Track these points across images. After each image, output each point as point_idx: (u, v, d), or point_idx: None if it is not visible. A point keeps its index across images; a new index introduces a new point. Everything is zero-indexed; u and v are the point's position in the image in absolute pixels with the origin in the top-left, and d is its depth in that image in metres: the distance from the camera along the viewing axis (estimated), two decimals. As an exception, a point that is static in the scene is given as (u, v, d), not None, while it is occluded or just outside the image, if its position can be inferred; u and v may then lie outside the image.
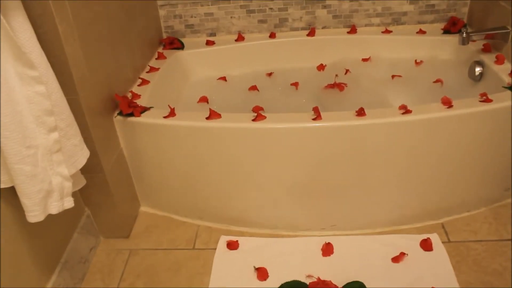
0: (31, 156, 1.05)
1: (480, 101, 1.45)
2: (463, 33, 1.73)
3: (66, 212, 1.30)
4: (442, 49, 1.97)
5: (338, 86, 1.82)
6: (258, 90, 1.92)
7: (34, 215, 1.11)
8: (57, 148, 1.11)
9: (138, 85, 1.74)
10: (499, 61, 1.70)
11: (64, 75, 1.27)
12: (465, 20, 2.04)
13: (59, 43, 1.24)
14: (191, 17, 2.09)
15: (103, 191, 1.53)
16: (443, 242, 1.53)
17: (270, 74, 2.03)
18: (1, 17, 0.92)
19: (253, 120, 1.42)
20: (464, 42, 1.74)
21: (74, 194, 1.25)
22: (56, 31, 1.22)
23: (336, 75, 1.88)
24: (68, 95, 1.24)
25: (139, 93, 1.66)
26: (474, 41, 1.82)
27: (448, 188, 1.57)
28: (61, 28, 1.23)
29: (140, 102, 1.61)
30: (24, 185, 1.06)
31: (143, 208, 1.79)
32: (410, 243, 1.53)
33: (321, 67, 2.02)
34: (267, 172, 1.50)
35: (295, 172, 1.49)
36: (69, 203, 1.20)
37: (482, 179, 1.59)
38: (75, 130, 1.20)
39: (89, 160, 1.33)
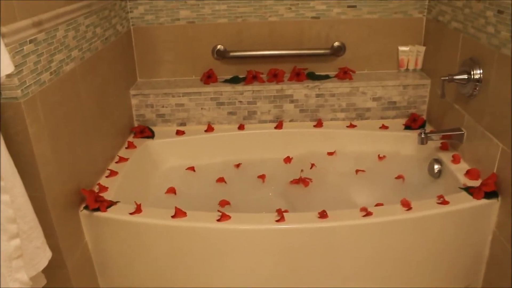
0: (-10, 263, 1.04)
1: (438, 203, 1.51)
2: (421, 133, 1.82)
3: (23, 314, 1.27)
4: (404, 144, 2.06)
5: (303, 181, 1.87)
6: (225, 182, 1.95)
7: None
8: (18, 254, 1.10)
9: (107, 176, 1.75)
10: (455, 160, 1.79)
11: (31, 174, 1.28)
12: (424, 117, 2.15)
13: (28, 144, 1.26)
14: (163, 107, 2.15)
15: (65, 288, 1.51)
16: None
17: (238, 165, 2.07)
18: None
19: (218, 220, 1.44)
20: (422, 142, 1.82)
21: (33, 296, 1.23)
22: (26, 132, 1.25)
23: (302, 170, 1.93)
24: (33, 193, 1.24)
25: (106, 185, 1.68)
26: (432, 140, 1.92)
27: (414, 285, 1.59)
28: (32, 130, 1.26)
29: (108, 195, 1.62)
30: (-20, 292, 1.04)
31: (106, 303, 1.75)
32: None
33: (287, 160, 2.08)
34: (232, 271, 1.51)
35: (261, 271, 1.50)
36: (27, 306, 1.17)
37: (444, 277, 1.62)
38: (38, 232, 1.20)
39: (52, 255, 1.31)
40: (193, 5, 2.11)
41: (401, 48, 2.19)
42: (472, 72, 1.67)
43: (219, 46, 2.17)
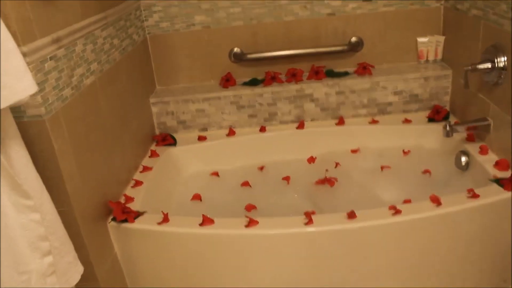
0: (24, 281, 1.05)
1: (468, 197, 1.48)
2: (446, 126, 1.79)
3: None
4: (428, 137, 2.03)
5: (329, 181, 1.86)
6: (250, 186, 1.95)
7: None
8: (51, 271, 1.11)
9: (132, 187, 1.76)
10: (483, 151, 1.75)
11: (58, 189, 1.29)
12: (448, 108, 2.12)
13: (54, 160, 1.27)
14: (183, 113, 2.15)
15: (98, 301, 1.52)
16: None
17: (261, 168, 2.06)
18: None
19: (246, 226, 1.44)
20: (448, 134, 1.79)
21: (67, 311, 1.24)
22: (51, 149, 1.26)
23: (327, 170, 1.91)
24: (61, 208, 1.26)
25: (132, 196, 1.69)
26: (458, 132, 1.88)
27: (445, 284, 1.56)
28: (57, 145, 1.27)
29: (134, 205, 1.63)
30: (16, 310, 1.05)
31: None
32: None
33: (311, 160, 2.06)
34: (261, 276, 1.50)
35: (290, 275, 1.49)
36: (61, 322, 1.19)
37: (479, 272, 1.59)
38: (69, 247, 1.21)
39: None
40: (207, 10, 2.11)
41: (420, 39, 2.16)
42: (496, 60, 1.63)
43: (235, 49, 2.16)
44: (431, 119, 2.08)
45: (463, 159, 1.80)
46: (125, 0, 1.89)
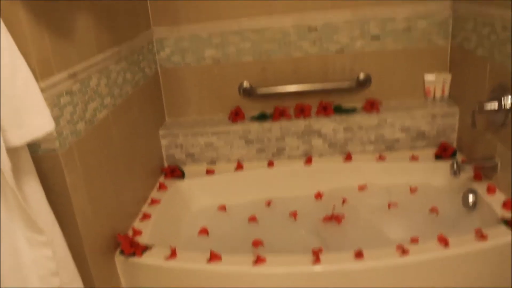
0: (34, 316, 1.06)
1: (476, 238, 1.48)
2: (453, 165, 1.79)
3: None
4: (435, 175, 2.03)
5: (336, 218, 1.86)
6: (257, 221, 1.95)
7: None
8: (60, 306, 1.12)
9: (140, 219, 1.77)
10: (490, 190, 1.75)
11: (68, 222, 1.30)
12: (455, 146, 2.13)
13: (66, 194, 1.29)
14: (192, 146, 2.17)
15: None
16: None
17: (269, 203, 2.07)
18: (14, 187, 0.97)
19: (253, 263, 1.43)
20: (455, 173, 1.79)
21: None
22: (64, 183, 1.28)
23: (334, 206, 1.92)
24: (70, 240, 1.26)
25: (140, 229, 1.69)
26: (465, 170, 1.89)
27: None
28: (69, 179, 1.29)
29: (142, 239, 1.63)
30: None
31: None
32: None
33: (318, 195, 2.06)
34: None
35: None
36: None
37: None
38: (78, 282, 1.22)
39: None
40: (218, 44, 2.15)
41: (427, 77, 2.18)
42: (502, 100, 1.65)
43: (245, 84, 2.20)
44: (438, 157, 2.09)
45: (471, 198, 1.80)
46: (138, 34, 1.94)
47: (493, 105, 1.68)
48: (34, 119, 0.99)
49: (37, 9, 1.18)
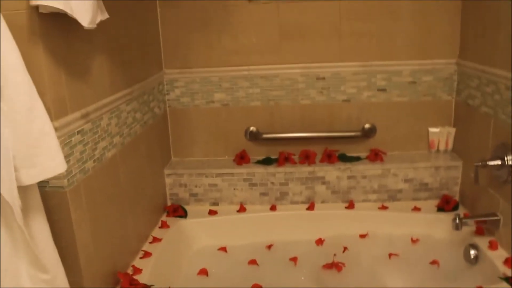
0: None
1: (477, 294, 1.47)
2: (455, 219, 1.80)
3: None
4: (437, 227, 2.03)
5: (337, 266, 1.86)
6: (257, 265, 1.95)
7: None
8: None
9: (141, 258, 1.77)
10: (492, 246, 1.75)
11: (71, 259, 1.31)
12: (457, 199, 2.14)
13: (70, 230, 1.30)
14: (196, 186, 2.19)
15: None
16: None
17: (269, 247, 2.06)
18: (22, 225, 0.99)
19: (252, 309, 1.44)
20: (457, 228, 1.80)
21: None
22: (69, 219, 1.30)
23: (335, 255, 1.92)
24: (71, 277, 1.27)
25: (141, 267, 1.69)
26: (467, 225, 1.89)
27: None
28: (74, 216, 1.31)
29: (141, 277, 1.63)
30: None
31: None
32: None
33: (319, 242, 2.06)
34: None
35: None
36: None
37: None
38: (76, 320, 1.22)
39: None
40: (227, 89, 2.21)
41: (432, 129, 2.22)
42: (506, 158, 1.67)
43: (252, 128, 2.24)
44: (440, 209, 2.10)
45: (472, 252, 1.80)
46: (150, 76, 1.99)
47: (496, 162, 1.70)
48: (47, 160, 1.02)
49: (56, 51, 1.23)
